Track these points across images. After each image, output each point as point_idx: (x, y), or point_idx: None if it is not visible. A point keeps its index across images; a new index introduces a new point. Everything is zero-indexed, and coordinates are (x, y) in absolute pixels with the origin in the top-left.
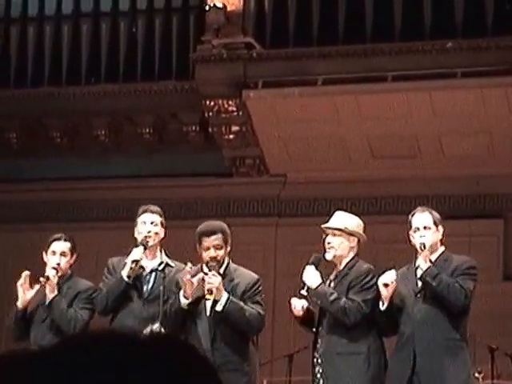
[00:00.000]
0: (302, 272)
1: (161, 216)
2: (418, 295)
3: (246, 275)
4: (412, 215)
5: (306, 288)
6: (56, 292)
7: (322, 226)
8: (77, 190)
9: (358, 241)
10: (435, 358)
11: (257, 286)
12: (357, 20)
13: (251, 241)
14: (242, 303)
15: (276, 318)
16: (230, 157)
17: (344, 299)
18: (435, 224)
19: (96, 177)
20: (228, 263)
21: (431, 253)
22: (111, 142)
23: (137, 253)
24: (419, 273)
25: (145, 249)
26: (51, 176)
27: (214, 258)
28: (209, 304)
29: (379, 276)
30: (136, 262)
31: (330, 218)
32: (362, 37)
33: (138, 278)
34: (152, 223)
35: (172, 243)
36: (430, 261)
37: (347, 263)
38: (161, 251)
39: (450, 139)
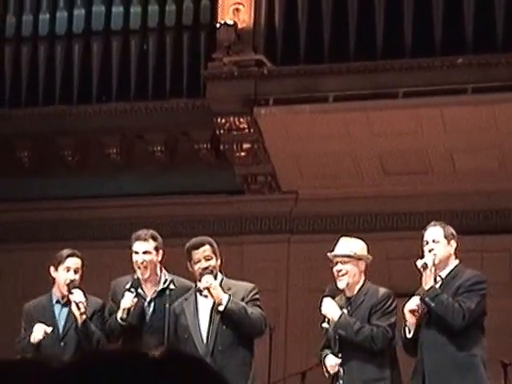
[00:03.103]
0: (320, 305)
1: (154, 240)
2: (425, 316)
3: (241, 285)
4: (425, 230)
5: (327, 320)
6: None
7: (329, 254)
8: (88, 208)
9: (367, 264)
10: (443, 378)
11: (254, 292)
12: (367, 37)
13: (263, 258)
14: (243, 303)
15: (289, 334)
16: (241, 174)
17: (368, 326)
18: (446, 238)
19: (108, 195)
20: (222, 279)
21: (442, 268)
22: (123, 160)
23: (128, 300)
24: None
25: (137, 293)
26: (63, 195)
27: (205, 269)
28: (205, 308)
29: (404, 301)
30: (128, 309)
31: (335, 246)
32: (373, 54)
33: (140, 308)
34: (145, 253)
35: (184, 261)
36: (441, 277)
37: (360, 288)
38: (161, 271)
39: (461, 155)
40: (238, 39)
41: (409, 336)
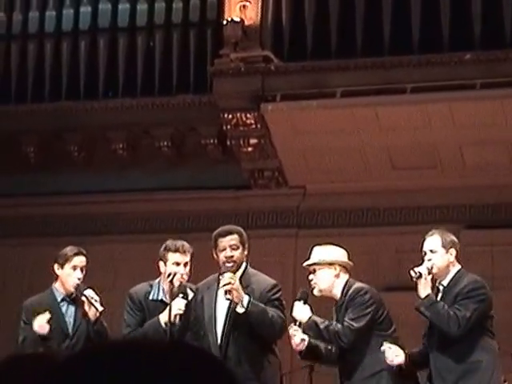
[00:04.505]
0: (291, 309)
1: (191, 253)
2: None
3: (262, 281)
4: (424, 239)
5: (298, 324)
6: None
7: (303, 264)
8: (95, 203)
9: (345, 268)
10: (447, 382)
11: (274, 290)
12: (375, 33)
13: (271, 252)
14: (263, 305)
15: None
16: (248, 169)
17: (334, 323)
18: (444, 247)
19: (114, 190)
20: (246, 268)
21: (443, 277)
22: (129, 156)
23: (180, 305)
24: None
25: (186, 299)
26: (69, 190)
27: (230, 258)
28: (223, 305)
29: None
30: (180, 315)
31: (309, 255)
32: (381, 49)
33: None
34: (185, 265)
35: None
36: (436, 287)
37: (342, 292)
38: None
39: (470, 149)
40: (244, 36)
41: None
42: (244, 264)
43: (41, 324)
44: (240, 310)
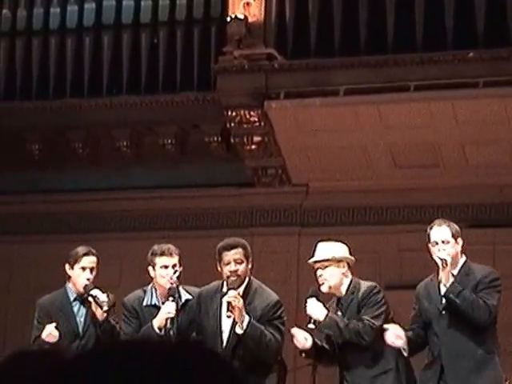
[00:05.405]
0: (305, 307)
1: (179, 254)
2: (443, 312)
3: (264, 297)
4: (430, 228)
5: (312, 321)
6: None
7: (310, 261)
8: (98, 201)
9: (348, 265)
10: (462, 373)
11: (275, 309)
12: (378, 30)
13: (274, 250)
14: (262, 327)
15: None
16: (252, 167)
17: (354, 322)
18: (454, 237)
19: (118, 188)
20: (249, 282)
21: (454, 266)
22: (133, 153)
23: (171, 309)
24: (442, 289)
25: (176, 302)
26: (73, 187)
27: (234, 272)
28: (227, 325)
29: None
30: (171, 318)
31: (314, 251)
32: (384, 47)
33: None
34: (174, 266)
35: (194, 253)
36: (453, 275)
37: (348, 289)
38: (178, 288)
39: (473, 148)
40: (248, 33)
41: (406, 355)
42: (247, 278)
43: (49, 333)
44: (239, 330)
